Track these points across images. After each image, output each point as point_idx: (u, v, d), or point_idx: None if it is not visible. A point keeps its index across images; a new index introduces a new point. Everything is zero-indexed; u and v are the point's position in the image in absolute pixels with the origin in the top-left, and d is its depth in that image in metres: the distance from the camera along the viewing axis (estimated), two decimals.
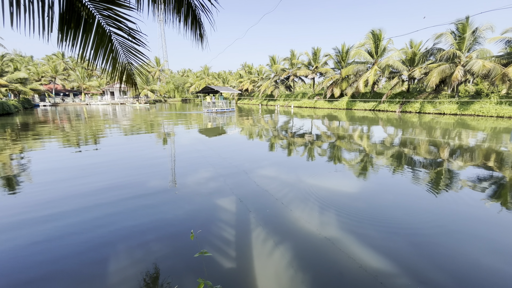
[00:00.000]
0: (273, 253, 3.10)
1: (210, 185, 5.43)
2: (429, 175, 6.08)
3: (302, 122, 18.65)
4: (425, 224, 3.81)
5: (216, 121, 19.25)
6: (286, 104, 41.13)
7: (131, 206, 4.44)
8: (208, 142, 10.68)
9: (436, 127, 15.02)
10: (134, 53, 3.71)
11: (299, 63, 40.99)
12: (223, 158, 7.66)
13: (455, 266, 2.87)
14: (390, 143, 10.34)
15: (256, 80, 54.27)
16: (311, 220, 3.88)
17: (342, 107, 31.78)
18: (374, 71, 28.16)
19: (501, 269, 2.83)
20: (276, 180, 5.72)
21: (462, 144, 9.99)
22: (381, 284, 2.60)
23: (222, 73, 70.34)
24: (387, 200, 4.74)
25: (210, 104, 29.12)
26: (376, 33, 27.92)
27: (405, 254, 3.08)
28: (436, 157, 7.81)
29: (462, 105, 22.07)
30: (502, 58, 20.66)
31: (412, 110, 25.16)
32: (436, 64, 22.92)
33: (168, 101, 68.20)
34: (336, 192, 5.06)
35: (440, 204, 4.52)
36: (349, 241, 3.34)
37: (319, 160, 7.63)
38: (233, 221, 3.90)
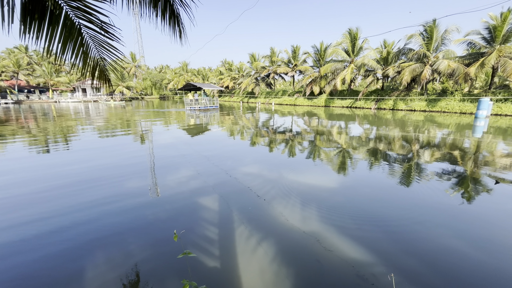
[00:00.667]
0: (257, 250, 3.12)
1: (192, 185, 5.34)
2: (402, 169, 6.44)
3: (283, 119, 18.87)
4: (399, 215, 4.05)
5: (199, 119, 18.89)
6: (267, 102, 41.36)
7: (108, 209, 4.24)
8: (189, 140, 10.46)
9: (408, 123, 15.92)
10: (107, 48, 3.53)
11: (279, 60, 41.33)
12: (204, 157, 7.55)
13: (426, 253, 3.08)
14: (366, 138, 10.80)
15: (236, 77, 53.93)
16: (293, 216, 3.96)
17: (321, 105, 32.58)
18: (351, 69, 29.15)
19: (467, 252, 3.09)
20: (259, 178, 5.75)
21: (430, 139, 10.69)
22: (358, 273, 2.72)
23: (201, 69, 68.97)
24: (365, 193, 4.96)
25: (193, 101, 28.44)
26: (352, 32, 28.86)
27: (382, 244, 3.25)
28: (407, 152, 8.29)
29: (430, 102, 23.57)
30: (464, 59, 22.32)
31: (386, 107, 26.42)
32: (408, 64, 24.23)
33: (145, 98, 65.67)
34: (317, 187, 5.20)
35: (412, 195, 4.81)
36: (329, 234, 3.45)
37: (300, 157, 7.78)
38: (216, 220, 3.87)
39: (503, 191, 4.98)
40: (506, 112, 19.06)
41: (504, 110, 19.21)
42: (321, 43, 33.48)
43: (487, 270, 2.79)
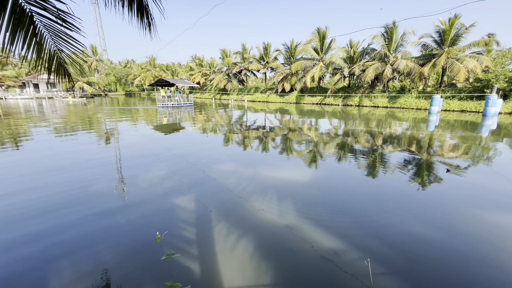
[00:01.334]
0: (237, 246, 3.13)
1: (165, 185, 5.14)
2: (368, 161, 6.89)
3: (256, 116, 18.98)
4: (368, 205, 4.34)
5: (172, 116, 18.15)
6: (240, 98, 41.21)
7: (75, 218, 3.91)
8: (160, 139, 10.03)
9: (372, 118, 17.04)
10: (65, 39, 3.22)
11: (251, 57, 41.31)
12: (177, 156, 7.30)
13: (394, 238, 3.35)
14: (335, 133, 11.34)
15: (208, 73, 52.76)
16: (270, 210, 4.03)
17: (292, 101, 33.36)
18: (319, 67, 30.24)
19: (427, 234, 3.42)
20: (235, 175, 5.74)
21: (392, 132, 11.58)
22: (334, 261, 2.87)
23: (170, 65, 66.11)
24: (336, 185, 5.22)
25: (165, 98, 27.09)
26: (321, 31, 29.87)
27: (354, 232, 3.46)
28: (372, 145, 8.89)
29: (391, 99, 25.47)
30: (419, 59, 24.46)
31: (352, 103, 27.95)
32: (371, 63, 25.83)
33: (109, 95, 61.29)
34: (292, 182, 5.35)
35: (378, 185, 5.19)
36: (305, 227, 3.58)
37: (275, 153, 7.91)
38: (194, 219, 3.79)
39: (453, 178, 5.59)
40: (454, 108, 21.36)
41: (452, 106, 21.51)
42: (291, 41, 34.17)
43: (445, 249, 3.12)
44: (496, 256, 3.00)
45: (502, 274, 2.70)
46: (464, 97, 21.83)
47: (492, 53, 25.09)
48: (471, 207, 4.28)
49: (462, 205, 4.35)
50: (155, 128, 12.68)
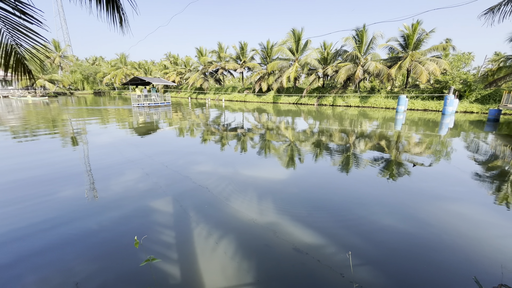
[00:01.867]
0: (218, 247, 3.10)
1: (140, 188, 4.93)
2: (342, 158, 7.20)
3: (234, 115, 18.89)
4: (343, 199, 4.54)
5: (147, 116, 17.38)
6: (217, 98, 40.72)
7: (39, 227, 3.60)
8: (134, 141, 9.58)
9: (345, 117, 17.81)
10: (24, 32, 2.97)
11: (227, 56, 40.98)
12: (153, 158, 7.04)
13: (369, 230, 3.54)
14: (311, 132, 11.68)
15: (183, 72, 51.36)
16: (250, 210, 4.05)
17: (269, 101, 33.72)
18: (295, 68, 30.89)
19: (397, 226, 3.67)
20: (213, 175, 5.67)
21: (364, 131, 12.21)
22: (314, 256, 2.97)
23: (143, 63, 63.28)
24: (313, 182, 5.38)
25: (141, 97, 25.70)
26: (296, 32, 30.51)
27: (332, 227, 3.60)
28: (346, 143, 9.30)
29: (362, 99, 26.81)
30: (387, 61, 26.03)
31: (327, 103, 28.96)
32: (344, 64, 26.95)
33: (76, 93, 57.17)
34: (271, 180, 5.41)
35: (352, 181, 5.45)
36: (285, 224, 3.65)
37: (254, 152, 7.95)
38: (172, 222, 3.68)
39: (418, 171, 6.05)
40: (417, 107, 23.06)
41: (416, 105, 23.21)
42: (267, 41, 34.45)
43: (414, 238, 3.37)
44: (456, 241, 3.30)
45: (461, 258, 2.98)
46: (426, 97, 23.67)
47: (449, 57, 27.50)
48: (434, 198, 4.66)
49: (427, 196, 4.72)
50: (129, 129, 12.09)
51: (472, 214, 4.08)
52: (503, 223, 3.83)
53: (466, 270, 2.78)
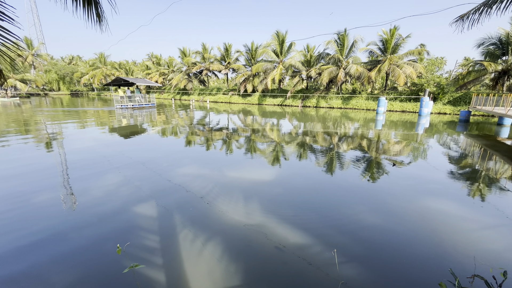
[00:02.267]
0: (203, 251, 3.06)
1: (122, 193, 4.76)
2: (325, 158, 7.36)
3: (219, 117, 18.75)
4: (327, 198, 4.64)
5: (131, 118, 16.79)
6: (202, 99, 40.24)
7: (14, 235, 3.37)
8: (115, 144, 9.23)
9: (328, 118, 18.24)
10: None
11: (212, 57, 40.67)
12: (135, 161, 6.82)
13: (353, 228, 3.64)
14: (296, 133, 11.85)
15: (166, 73, 50.31)
16: (236, 212, 4.03)
17: (254, 102, 33.83)
18: (280, 70, 31.24)
19: (379, 222, 3.80)
20: (199, 178, 5.59)
21: (347, 132, 12.57)
22: (301, 256, 3.01)
23: (124, 63, 61.27)
24: (299, 182, 5.46)
25: (124, 98, 24.77)
26: (280, 34, 30.89)
27: (317, 226, 3.66)
28: (329, 144, 9.52)
29: (344, 100, 27.60)
30: (367, 64, 27.01)
31: (310, 104, 29.52)
32: (326, 66, 27.62)
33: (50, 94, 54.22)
34: (257, 182, 5.42)
35: (336, 181, 5.58)
36: (272, 225, 3.67)
37: (240, 153, 7.93)
38: (156, 227, 3.58)
39: (398, 170, 6.31)
40: (396, 108, 24.10)
41: (395, 107, 24.25)
42: (252, 42, 34.58)
43: (394, 234, 3.51)
44: (433, 236, 3.48)
45: (438, 251, 3.14)
46: (404, 99, 24.79)
47: (424, 61, 29.00)
48: (413, 195, 4.89)
49: (406, 194, 4.94)
50: (110, 132, 11.63)
51: (447, 210, 4.32)
52: (474, 217, 4.08)
53: (443, 262, 2.93)
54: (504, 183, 5.72)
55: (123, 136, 10.53)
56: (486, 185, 5.52)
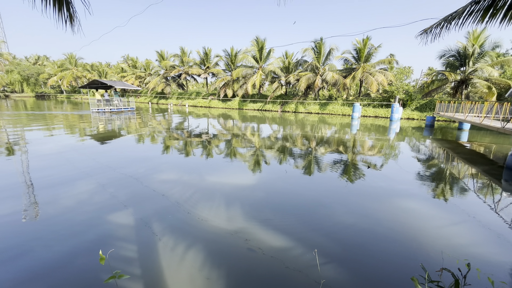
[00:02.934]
0: (185, 258, 2.98)
1: (95, 201, 4.50)
2: (304, 161, 7.55)
3: (199, 121, 18.48)
4: (307, 201, 4.75)
5: (108, 123, 15.92)
6: (180, 103, 39.43)
7: None
8: (87, 150, 8.71)
9: (307, 123, 18.75)
10: None
11: (191, 61, 40.17)
12: (110, 167, 6.49)
13: (332, 229, 3.75)
14: (276, 137, 12.02)
15: (143, 76, 48.72)
16: (217, 217, 3.98)
17: (234, 107, 33.84)
18: (259, 75, 31.65)
19: (356, 222, 3.96)
20: (178, 184, 5.45)
21: (324, 136, 13.00)
22: (283, 261, 3.04)
23: (97, 64, 58.36)
24: (279, 186, 5.53)
25: (102, 102, 23.47)
26: (260, 41, 31.38)
27: (298, 228, 3.73)
28: (308, 147, 9.78)
29: (322, 106, 28.57)
30: (343, 72, 28.28)
31: (289, 110, 30.16)
32: (304, 73, 28.49)
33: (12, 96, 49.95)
34: (239, 186, 5.41)
35: (314, 183, 5.73)
36: (254, 229, 3.67)
37: (220, 158, 7.86)
38: (133, 236, 3.42)
39: (372, 172, 6.64)
40: (369, 114, 25.41)
41: (368, 112, 25.55)
42: (231, 48, 34.72)
43: (371, 233, 3.67)
44: (405, 233, 3.69)
45: (410, 247, 3.34)
46: (377, 105, 26.23)
47: (393, 70, 31.00)
48: (386, 196, 5.16)
49: (380, 195, 5.20)
50: (82, 136, 10.95)
51: (417, 209, 4.61)
52: (440, 215, 4.40)
53: (414, 257, 3.12)
54: (465, 183, 6.25)
55: (97, 141, 9.97)
56: (450, 185, 5.99)
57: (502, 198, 5.31)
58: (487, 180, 6.45)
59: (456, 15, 3.68)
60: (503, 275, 2.85)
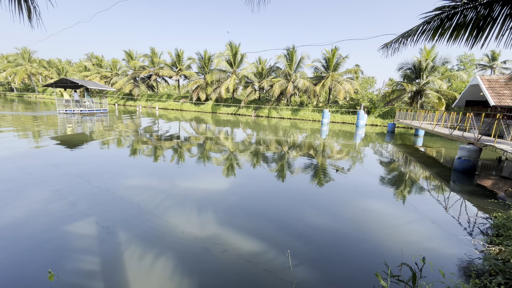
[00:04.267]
0: (154, 268, 2.83)
1: (52, 211, 4.09)
2: (277, 166, 7.69)
3: (170, 124, 17.85)
4: (280, 203, 4.83)
5: (78, 125, 14.51)
6: (150, 105, 37.76)
7: None
8: (44, 154, 7.89)
9: (280, 128, 19.16)
10: None
11: (162, 62, 38.81)
12: (69, 174, 5.96)
13: (304, 230, 3.85)
14: (250, 142, 12.09)
15: (109, 76, 45.82)
16: (190, 224, 3.87)
17: (208, 111, 33.36)
18: (233, 79, 31.69)
19: (326, 224, 4.12)
20: (147, 190, 5.19)
21: (295, 140, 13.39)
22: (257, 265, 3.04)
23: (55, 61, 53.52)
24: (253, 190, 5.55)
25: (71, 102, 21.53)
26: (233, 46, 31.51)
27: (271, 231, 3.77)
28: (280, 151, 9.99)
29: (294, 111, 29.46)
30: (313, 80, 29.54)
31: (263, 114, 30.58)
32: (277, 79, 29.19)
33: None
34: (212, 191, 5.32)
35: (286, 186, 5.86)
36: (227, 234, 3.63)
37: (192, 162, 7.66)
38: (96, 247, 3.17)
39: (340, 175, 6.99)
40: (338, 120, 26.81)
41: (336, 118, 26.95)
42: (205, 51, 34.34)
43: (339, 234, 3.84)
44: (369, 232, 3.94)
45: (374, 245, 3.57)
46: (344, 112, 27.78)
47: (359, 79, 33.20)
48: (353, 197, 5.47)
49: (347, 197, 5.49)
50: (37, 140, 9.89)
51: (380, 209, 4.96)
52: (400, 214, 4.78)
53: (378, 255, 3.34)
54: (420, 184, 6.88)
55: (58, 145, 9.09)
56: (408, 187, 6.54)
57: (450, 197, 5.94)
58: (438, 182, 7.17)
59: (411, 32, 4.09)
60: (452, 267, 3.17)
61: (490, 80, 13.25)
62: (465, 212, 4.98)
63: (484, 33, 3.45)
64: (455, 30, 3.63)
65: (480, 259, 3.31)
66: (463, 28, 3.56)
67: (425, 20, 3.79)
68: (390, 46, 4.36)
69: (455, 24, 3.60)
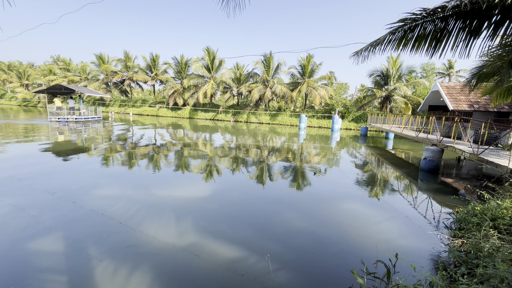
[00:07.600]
0: (129, 282, 2.67)
1: (11, 226, 3.71)
2: (257, 171, 7.72)
3: (144, 131, 17.17)
4: (260, 210, 4.83)
5: (71, 133, 13.27)
6: (123, 111, 36.14)
7: None
8: (2, 164, 7.17)
9: (258, 133, 19.30)
10: None
11: (136, 66, 37.46)
12: (29, 186, 5.47)
13: (284, 234, 3.87)
14: (229, 147, 12.01)
15: (77, 80, 43.15)
16: (167, 234, 3.72)
17: (185, 116, 32.68)
18: (211, 85, 31.47)
19: (306, 227, 4.18)
20: (120, 200, 4.92)
21: (274, 145, 13.55)
22: (237, 272, 3.00)
23: (16, 64, 49.38)
24: (234, 196, 5.50)
25: (64, 109, 20.29)
26: (211, 51, 31.39)
27: (251, 237, 3.74)
28: (260, 156, 10.05)
29: (272, 116, 29.88)
30: (290, 85, 30.28)
31: (242, 119, 30.63)
32: (255, 85, 29.50)
33: None
34: (191, 199, 5.18)
35: (266, 191, 5.89)
36: (207, 243, 3.54)
37: (169, 170, 7.42)
38: (62, 265, 2.92)
39: (318, 179, 7.18)
40: (314, 124, 27.66)
41: (313, 123, 27.79)
42: (181, 56, 33.82)
43: (319, 236, 3.92)
44: (346, 233, 4.07)
45: (351, 246, 3.69)
46: (320, 117, 28.74)
47: (333, 85, 34.64)
48: (329, 199, 5.63)
49: (324, 199, 5.65)
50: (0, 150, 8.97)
51: (355, 209, 5.15)
52: (374, 213, 5.01)
53: (355, 254, 3.46)
54: (391, 184, 7.28)
55: (18, 155, 8.31)
56: (380, 187, 6.89)
57: (419, 195, 6.35)
58: (407, 181, 7.64)
59: (379, 41, 4.38)
60: (422, 261, 3.38)
61: (448, 86, 14.52)
62: (431, 209, 5.35)
63: (441, 44, 3.79)
64: (417, 41, 3.94)
65: (446, 252, 3.56)
66: (423, 39, 3.88)
67: (390, 31, 4.07)
68: (361, 54, 4.62)
69: (416, 36, 3.91)
